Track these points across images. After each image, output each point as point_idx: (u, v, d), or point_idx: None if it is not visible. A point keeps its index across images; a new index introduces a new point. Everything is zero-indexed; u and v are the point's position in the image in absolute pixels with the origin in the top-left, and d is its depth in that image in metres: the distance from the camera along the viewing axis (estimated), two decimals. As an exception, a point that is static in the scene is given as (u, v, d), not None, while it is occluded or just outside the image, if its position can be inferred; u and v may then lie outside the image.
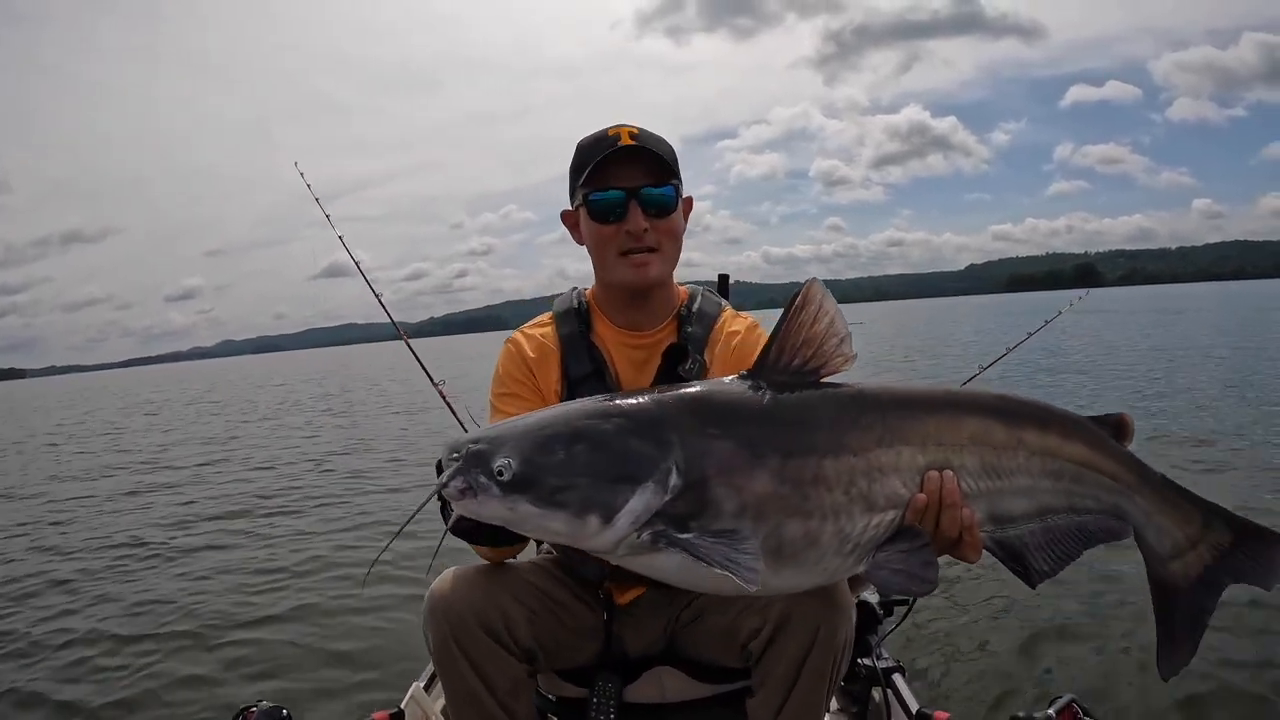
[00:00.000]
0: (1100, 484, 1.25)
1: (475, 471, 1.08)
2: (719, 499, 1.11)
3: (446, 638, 1.42)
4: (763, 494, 1.12)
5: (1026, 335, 3.19)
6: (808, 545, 1.13)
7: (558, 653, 1.55)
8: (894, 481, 1.16)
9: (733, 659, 1.50)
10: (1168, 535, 1.27)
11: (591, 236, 1.59)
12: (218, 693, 3.49)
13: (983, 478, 1.20)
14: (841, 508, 1.14)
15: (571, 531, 1.10)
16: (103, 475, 10.85)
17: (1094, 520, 1.25)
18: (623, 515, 1.07)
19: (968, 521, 1.16)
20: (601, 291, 1.69)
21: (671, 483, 1.09)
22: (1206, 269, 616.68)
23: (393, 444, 11.05)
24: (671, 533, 1.09)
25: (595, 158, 1.53)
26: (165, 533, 6.67)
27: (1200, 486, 1.29)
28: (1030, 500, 1.23)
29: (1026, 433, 1.23)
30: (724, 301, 1.75)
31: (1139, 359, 15.90)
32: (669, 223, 1.58)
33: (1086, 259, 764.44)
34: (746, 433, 1.14)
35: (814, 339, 1.18)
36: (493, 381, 1.68)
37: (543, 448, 1.10)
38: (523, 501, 1.08)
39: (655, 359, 1.60)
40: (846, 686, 2.24)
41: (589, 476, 1.08)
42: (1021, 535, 1.23)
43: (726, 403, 1.18)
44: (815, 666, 1.38)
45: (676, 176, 1.59)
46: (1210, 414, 8.65)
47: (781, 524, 1.12)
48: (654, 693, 1.59)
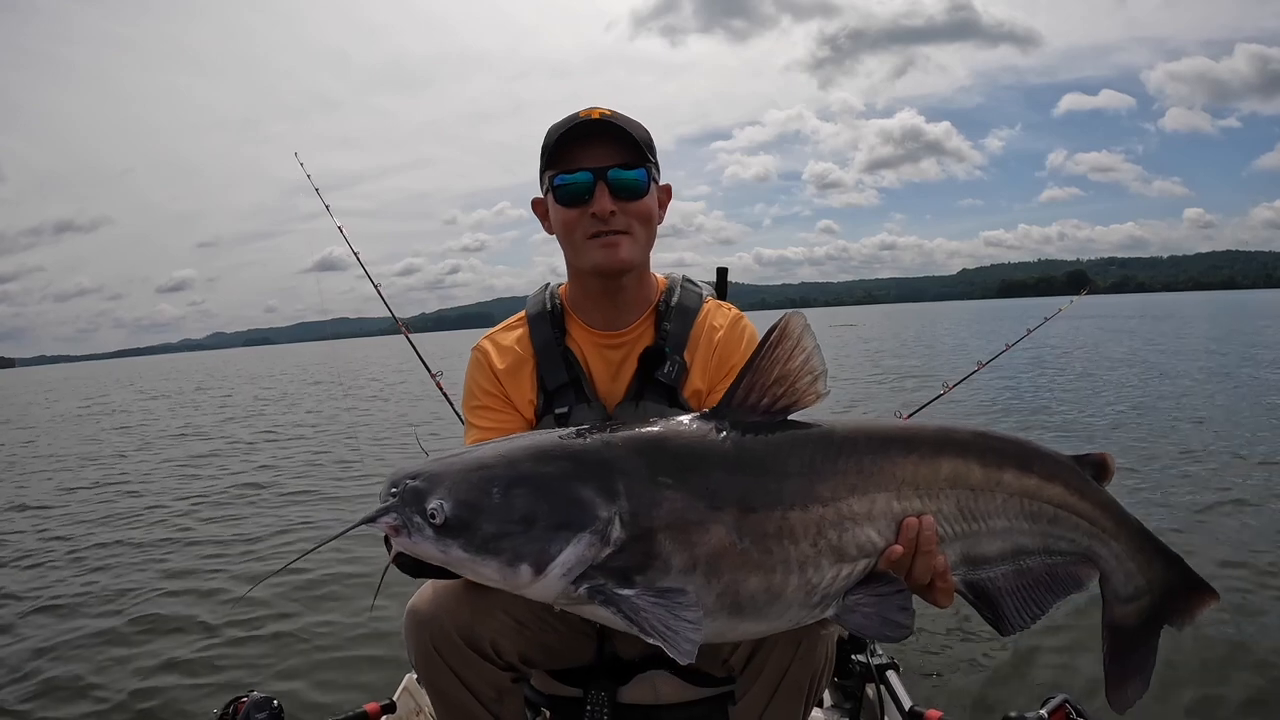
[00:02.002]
0: (1078, 527, 1.23)
1: (409, 510, 1.05)
2: (667, 553, 1.05)
3: (427, 648, 1.39)
4: (718, 549, 1.06)
5: (1027, 331, 3.26)
6: (770, 600, 1.09)
7: (550, 657, 1.54)
8: (867, 530, 1.12)
9: (717, 669, 1.49)
10: (1133, 580, 1.27)
11: (559, 221, 1.52)
12: (209, 682, 3.47)
13: (959, 521, 1.17)
14: (809, 560, 1.09)
15: (504, 580, 1.05)
16: (96, 465, 10.78)
17: (1064, 564, 1.23)
18: (555, 566, 1.03)
19: (941, 568, 1.13)
20: (574, 285, 1.62)
21: (613, 535, 1.04)
22: (1198, 278, 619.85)
23: (405, 436, 10.90)
24: (610, 588, 1.04)
25: (562, 133, 1.47)
26: (155, 523, 6.64)
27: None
28: (1006, 541, 1.20)
29: (1006, 473, 1.19)
30: (707, 292, 1.68)
31: (1121, 365, 16.05)
32: (640, 205, 1.50)
33: (1079, 266, 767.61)
34: (703, 482, 1.08)
35: (787, 376, 1.12)
36: (464, 394, 1.63)
37: (478, 490, 1.04)
38: (454, 546, 1.04)
39: (632, 361, 1.56)
40: (840, 683, 2.25)
41: (523, 524, 1.03)
42: (994, 578, 1.20)
43: (683, 447, 1.11)
44: (794, 681, 1.37)
45: (650, 160, 1.51)
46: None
47: (739, 579, 1.07)
48: (647, 695, 1.57)
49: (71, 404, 26.38)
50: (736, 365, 1.55)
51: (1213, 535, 4.66)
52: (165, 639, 3.98)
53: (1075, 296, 3.75)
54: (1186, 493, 5.66)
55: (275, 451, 10.63)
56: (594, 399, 1.56)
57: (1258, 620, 3.44)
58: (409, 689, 2.19)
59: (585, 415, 1.53)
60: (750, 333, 1.61)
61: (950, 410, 8.53)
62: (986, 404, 10.65)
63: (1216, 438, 7.61)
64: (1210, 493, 5.62)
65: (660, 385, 1.54)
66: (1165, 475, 6.17)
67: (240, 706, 1.86)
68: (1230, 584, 3.79)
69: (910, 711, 1.99)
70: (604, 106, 1.50)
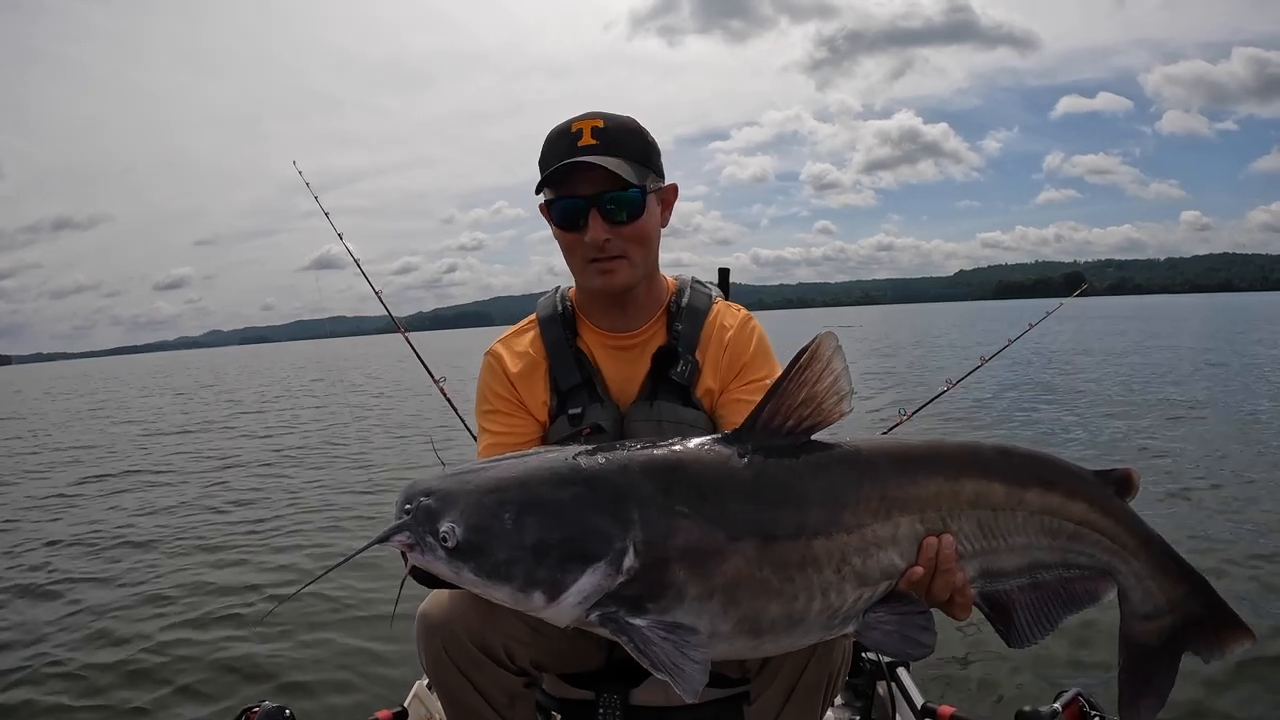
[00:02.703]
0: (1098, 543, 1.22)
1: (422, 530, 1.04)
2: (681, 583, 1.04)
3: (439, 652, 1.39)
4: (736, 578, 1.05)
5: (1029, 326, 3.27)
6: (791, 625, 1.09)
7: (562, 663, 1.53)
8: (890, 554, 1.11)
9: (732, 670, 1.48)
10: (1152, 598, 1.25)
11: (558, 239, 1.53)
12: (220, 692, 3.45)
13: (979, 539, 1.16)
14: (831, 585, 1.08)
15: (516, 605, 1.05)
16: (90, 463, 10.74)
17: (1081, 578, 1.22)
18: (569, 595, 1.02)
19: (960, 584, 1.13)
20: (582, 292, 1.63)
21: (626, 564, 1.03)
22: (1195, 280, 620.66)
23: (420, 439, 10.76)
24: (622, 617, 1.03)
25: (554, 160, 1.44)
26: (162, 527, 6.57)
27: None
28: (1025, 556, 1.19)
29: (1029, 492, 1.18)
30: (715, 293, 1.69)
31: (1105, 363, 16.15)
32: (635, 228, 1.48)
33: (1076, 267, 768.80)
34: (721, 510, 1.06)
35: (814, 398, 1.10)
36: (477, 398, 1.62)
37: (491, 515, 1.03)
38: (466, 570, 1.03)
39: (644, 361, 1.56)
40: (851, 681, 2.25)
41: (535, 552, 1.02)
42: (1010, 591, 1.19)
43: (702, 473, 1.09)
44: (810, 682, 1.37)
45: (646, 172, 1.49)
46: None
47: (759, 606, 1.06)
48: (659, 697, 1.57)
49: (78, 402, 26.24)
50: (747, 364, 1.57)
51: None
52: (175, 649, 3.94)
53: (1067, 299, 3.79)
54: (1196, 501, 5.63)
55: (288, 454, 10.55)
56: (607, 399, 1.56)
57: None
58: (420, 696, 2.18)
59: (598, 415, 1.53)
60: (759, 333, 1.62)
61: (947, 408, 8.54)
62: (980, 407, 10.66)
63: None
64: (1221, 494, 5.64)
65: (673, 385, 1.54)
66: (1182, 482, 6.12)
67: (252, 717, 1.84)
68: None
69: (922, 708, 1.99)
70: (601, 115, 1.47)
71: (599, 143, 1.44)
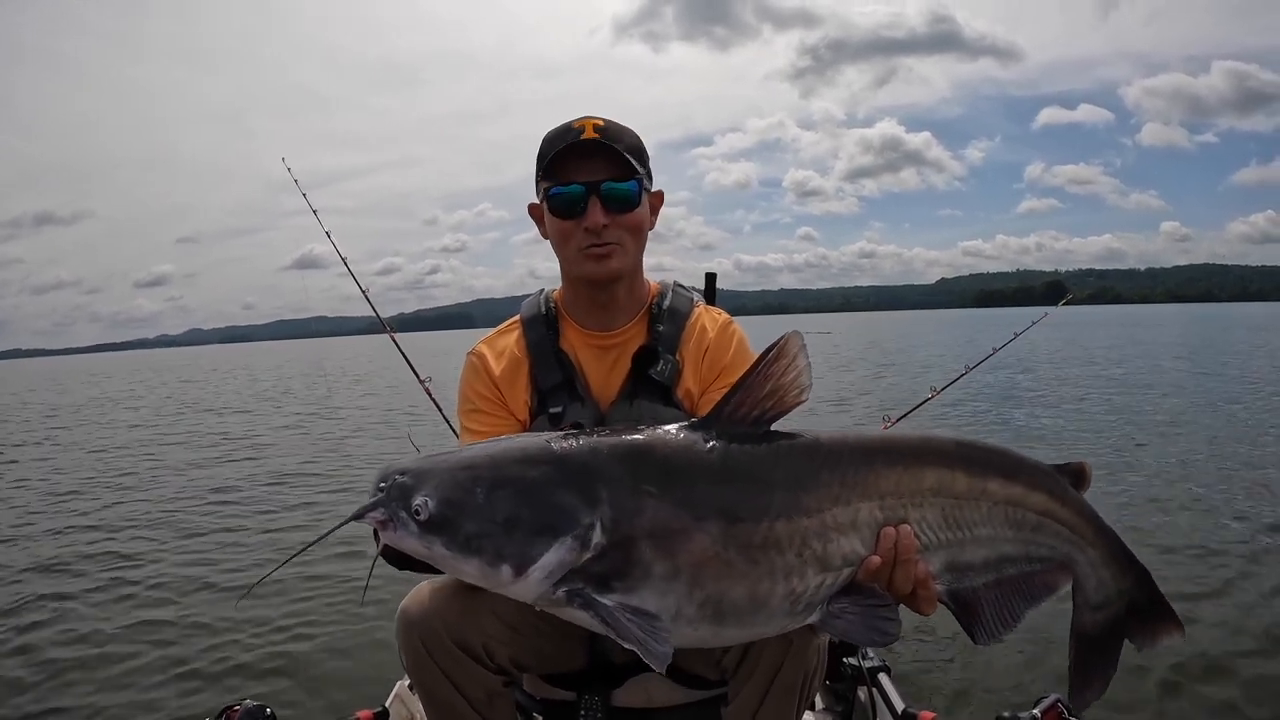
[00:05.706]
0: (1059, 534, 1.25)
1: (395, 505, 1.07)
2: (648, 561, 1.06)
3: (418, 648, 1.40)
4: (701, 558, 1.07)
5: (1014, 335, 3.29)
6: (754, 608, 1.11)
7: (544, 662, 1.54)
8: (852, 540, 1.13)
9: (710, 671, 1.49)
10: (1105, 588, 1.29)
11: (553, 231, 1.56)
12: (201, 691, 3.42)
13: (944, 529, 1.18)
14: (793, 569, 1.10)
15: (484, 579, 1.08)
16: (85, 460, 10.65)
17: (1040, 572, 1.25)
18: (536, 569, 1.05)
19: (921, 576, 1.14)
20: (567, 290, 1.65)
21: (594, 540, 1.05)
22: (1175, 290, 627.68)
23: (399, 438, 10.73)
24: (589, 593, 1.06)
25: (556, 149, 1.50)
26: (146, 526, 6.52)
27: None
28: (990, 550, 1.21)
29: (991, 482, 1.21)
30: (696, 296, 1.72)
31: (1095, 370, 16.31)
32: (631, 218, 1.54)
33: (1057, 276, 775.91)
34: (687, 491, 1.09)
35: (777, 390, 1.14)
36: (459, 397, 1.64)
37: (464, 490, 1.07)
38: (437, 543, 1.06)
39: (625, 361, 1.58)
40: (832, 685, 2.25)
41: (505, 526, 1.05)
42: (976, 587, 1.21)
43: (669, 456, 1.12)
44: (786, 682, 1.37)
45: (642, 170, 1.54)
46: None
47: (723, 588, 1.08)
48: (640, 698, 1.57)
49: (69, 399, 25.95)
50: (727, 367, 1.59)
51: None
52: (154, 648, 3.90)
53: (1052, 308, 3.83)
54: (1153, 497, 5.83)
55: (264, 450, 10.53)
56: (587, 398, 1.57)
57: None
58: (401, 696, 2.18)
59: (579, 414, 1.54)
60: (739, 336, 1.64)
61: (932, 415, 8.60)
62: (963, 414, 10.74)
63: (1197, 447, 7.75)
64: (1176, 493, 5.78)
65: (654, 384, 1.56)
66: (1137, 483, 6.31)
67: (233, 715, 1.83)
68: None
69: (903, 713, 1.99)
70: (598, 117, 1.53)
71: (599, 137, 1.50)
